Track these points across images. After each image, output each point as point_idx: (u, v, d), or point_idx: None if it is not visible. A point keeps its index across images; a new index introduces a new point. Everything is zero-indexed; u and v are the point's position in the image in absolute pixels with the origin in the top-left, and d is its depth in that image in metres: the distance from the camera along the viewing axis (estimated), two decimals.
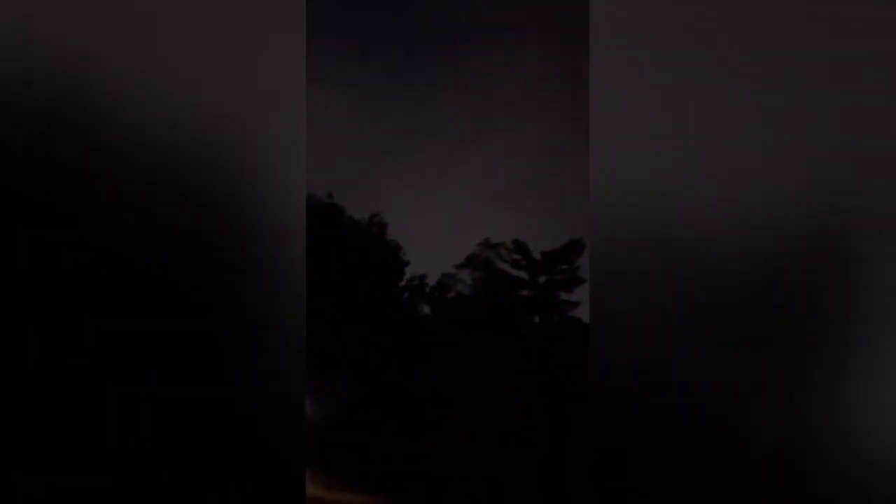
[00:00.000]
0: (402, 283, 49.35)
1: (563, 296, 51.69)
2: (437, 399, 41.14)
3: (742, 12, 4.83)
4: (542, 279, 52.40)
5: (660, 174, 4.28)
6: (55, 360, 3.79)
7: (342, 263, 43.39)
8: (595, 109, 4.68)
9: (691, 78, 4.64)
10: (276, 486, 3.43)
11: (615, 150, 4.37)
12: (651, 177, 4.20)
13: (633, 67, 4.70)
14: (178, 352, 3.81)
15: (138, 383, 3.69)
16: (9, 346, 3.62)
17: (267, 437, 3.61)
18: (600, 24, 5.00)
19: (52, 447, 3.42)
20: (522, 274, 53.13)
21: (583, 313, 57.82)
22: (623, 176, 4.32)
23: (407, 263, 49.67)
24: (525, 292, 52.35)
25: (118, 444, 3.53)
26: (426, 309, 50.04)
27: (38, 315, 3.83)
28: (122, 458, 3.45)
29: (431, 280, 51.62)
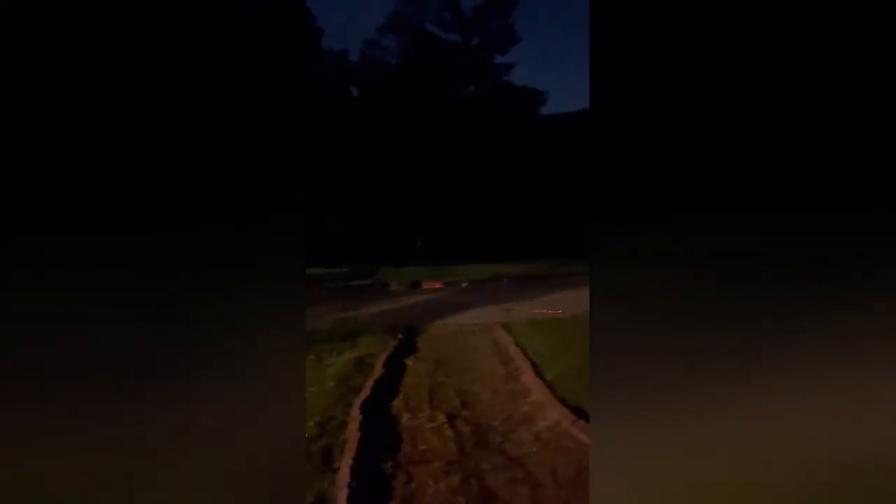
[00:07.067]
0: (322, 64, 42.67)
1: (498, 58, 47.88)
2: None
3: None
4: (475, 41, 47.35)
5: None
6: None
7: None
8: None
9: None
10: (276, 485, 2.98)
11: None
12: None
13: None
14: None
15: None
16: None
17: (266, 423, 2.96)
18: None
19: (42, 442, 2.63)
20: (454, 36, 47.46)
21: (515, 77, 54.87)
22: None
23: (321, 33, 41.93)
24: (458, 57, 47.77)
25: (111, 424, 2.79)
26: (355, 91, 44.95)
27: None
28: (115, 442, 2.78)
29: (353, 56, 44.97)
